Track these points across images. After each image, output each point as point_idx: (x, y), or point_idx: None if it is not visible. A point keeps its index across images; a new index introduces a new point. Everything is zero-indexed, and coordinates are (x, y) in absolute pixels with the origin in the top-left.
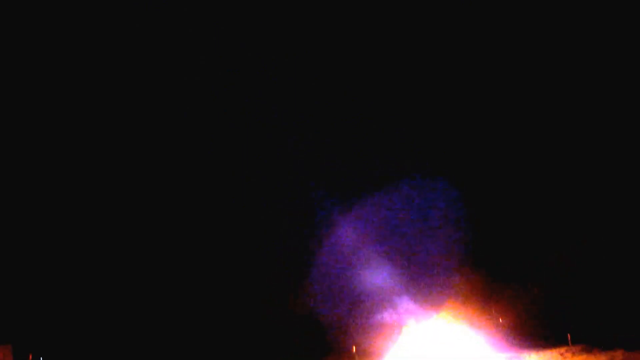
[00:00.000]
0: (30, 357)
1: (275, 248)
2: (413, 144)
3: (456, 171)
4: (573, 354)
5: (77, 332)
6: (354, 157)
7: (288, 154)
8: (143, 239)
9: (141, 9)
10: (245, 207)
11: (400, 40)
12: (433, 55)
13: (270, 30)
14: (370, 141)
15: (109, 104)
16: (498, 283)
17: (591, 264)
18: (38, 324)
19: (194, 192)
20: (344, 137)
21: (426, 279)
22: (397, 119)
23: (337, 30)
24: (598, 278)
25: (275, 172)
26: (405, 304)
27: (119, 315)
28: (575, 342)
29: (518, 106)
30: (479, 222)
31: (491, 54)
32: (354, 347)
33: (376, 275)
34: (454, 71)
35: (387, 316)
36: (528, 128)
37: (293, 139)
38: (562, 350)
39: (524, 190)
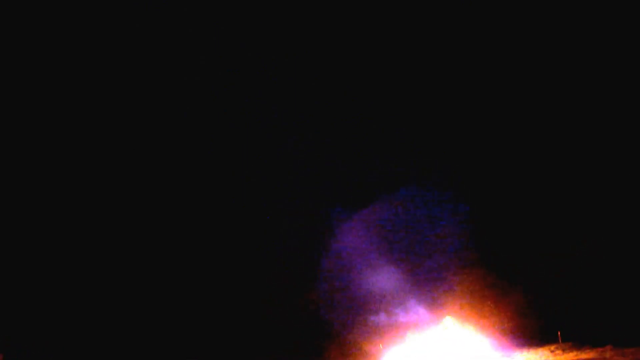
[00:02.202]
0: None
1: (281, 252)
2: (417, 149)
3: (458, 175)
4: (563, 350)
5: (68, 342)
6: (359, 161)
7: (294, 158)
8: (145, 241)
9: (141, 9)
10: (251, 211)
11: (406, 46)
12: (437, 62)
13: (270, 30)
14: (376, 146)
15: (108, 104)
16: (492, 283)
17: (582, 264)
18: (29, 334)
19: (200, 196)
20: (350, 142)
21: (424, 280)
22: (402, 125)
23: (342, 33)
24: (587, 276)
25: (281, 176)
26: (406, 305)
27: (120, 321)
28: (565, 339)
29: (517, 109)
30: (476, 224)
31: (492, 58)
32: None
33: (380, 278)
34: (456, 77)
35: (388, 318)
36: (527, 131)
37: (300, 144)
38: (553, 347)
39: (518, 193)
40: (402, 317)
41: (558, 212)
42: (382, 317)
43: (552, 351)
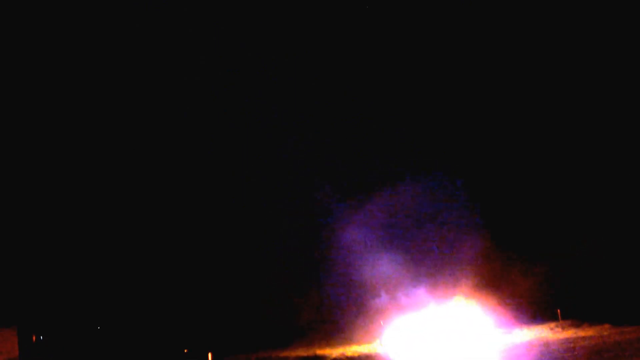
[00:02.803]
0: (34, 338)
1: (286, 242)
2: (421, 139)
3: (463, 165)
4: (563, 328)
5: (78, 315)
6: (360, 153)
7: (293, 157)
8: (146, 241)
9: (141, 9)
10: (257, 207)
11: (402, 40)
12: (434, 55)
13: (270, 30)
14: (377, 138)
15: (109, 104)
16: (494, 263)
17: (582, 246)
18: (41, 307)
19: (200, 196)
20: (352, 136)
21: (426, 261)
22: (404, 118)
23: (340, 31)
24: (588, 257)
25: (285, 171)
26: (408, 286)
27: (121, 321)
28: (565, 317)
29: (524, 105)
30: (481, 208)
31: (491, 52)
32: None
33: (382, 261)
34: (454, 71)
35: (390, 299)
36: (531, 127)
37: (299, 141)
38: (552, 324)
39: (523, 180)
40: (404, 298)
41: (561, 196)
42: (384, 299)
43: (551, 329)
